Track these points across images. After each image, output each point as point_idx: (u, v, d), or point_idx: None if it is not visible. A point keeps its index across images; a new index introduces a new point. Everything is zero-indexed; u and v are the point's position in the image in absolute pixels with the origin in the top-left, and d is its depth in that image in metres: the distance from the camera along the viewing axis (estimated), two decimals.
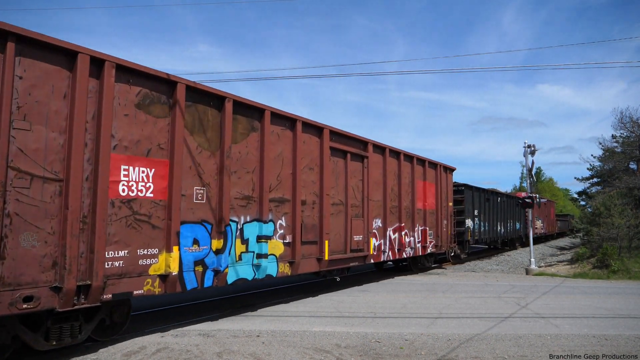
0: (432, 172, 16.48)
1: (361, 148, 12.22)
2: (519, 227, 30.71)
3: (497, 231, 25.48)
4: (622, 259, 17.89)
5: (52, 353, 6.23)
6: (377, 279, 14.81)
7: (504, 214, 27.02)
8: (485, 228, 23.44)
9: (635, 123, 29.16)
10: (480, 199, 22.74)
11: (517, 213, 30.03)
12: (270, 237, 8.91)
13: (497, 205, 25.52)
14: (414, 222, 14.79)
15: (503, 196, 27.40)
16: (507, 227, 27.55)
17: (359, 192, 12.00)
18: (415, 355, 6.27)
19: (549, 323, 8.26)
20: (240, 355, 6.18)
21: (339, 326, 7.86)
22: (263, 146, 8.86)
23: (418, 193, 15.17)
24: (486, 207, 23.57)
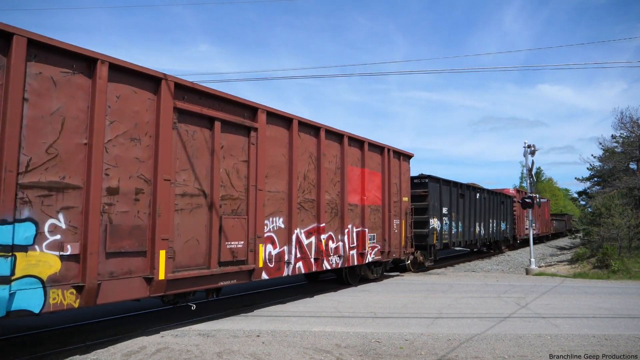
0: (376, 157, 13.14)
1: (245, 116, 8.70)
2: (504, 227, 27.29)
3: (475, 232, 22.07)
4: (622, 259, 17.88)
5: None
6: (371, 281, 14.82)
7: (486, 213, 23.64)
8: (460, 229, 20.07)
9: (635, 123, 29.17)
10: (452, 195, 19.36)
11: (502, 212, 26.71)
12: (25, 247, 5.52)
13: (475, 203, 22.07)
14: (344, 221, 11.41)
15: (484, 192, 23.73)
16: (489, 228, 24.23)
17: (240, 178, 8.49)
18: (415, 355, 6.27)
19: (549, 323, 8.26)
20: (240, 355, 6.18)
21: (339, 326, 7.86)
22: (7, 95, 5.40)
23: (352, 183, 11.87)
24: (460, 205, 20.17)
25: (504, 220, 27.04)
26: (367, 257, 12.47)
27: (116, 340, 6.83)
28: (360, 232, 12.18)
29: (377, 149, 13.37)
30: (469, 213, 21.27)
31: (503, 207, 26.78)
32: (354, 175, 12.08)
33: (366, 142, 12.58)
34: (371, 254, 12.63)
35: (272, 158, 9.38)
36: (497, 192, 26.41)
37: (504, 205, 27.20)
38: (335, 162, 11.41)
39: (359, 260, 12.09)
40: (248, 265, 8.61)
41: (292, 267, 9.67)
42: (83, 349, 6.47)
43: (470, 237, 21.33)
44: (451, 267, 20.08)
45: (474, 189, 22.09)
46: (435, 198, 17.58)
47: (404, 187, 14.82)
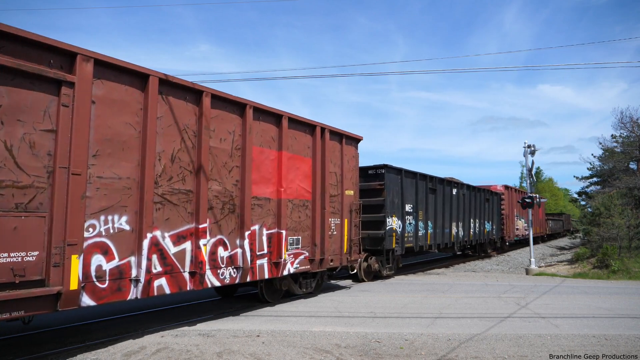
0: (303, 138, 10.22)
1: (51, 63, 5.91)
2: (490, 228, 24.13)
3: (452, 234, 18.95)
4: (622, 259, 17.89)
5: None
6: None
7: (466, 212, 20.50)
8: (430, 230, 17.11)
9: (635, 123, 29.16)
10: (420, 190, 16.36)
11: (487, 210, 23.59)
12: None
13: (451, 200, 18.99)
14: (245, 221, 8.47)
15: (463, 188, 20.41)
16: (470, 229, 21.06)
17: (39, 156, 5.73)
18: (415, 355, 6.27)
19: (549, 323, 8.26)
20: (240, 355, 6.18)
21: (339, 326, 7.86)
22: None
23: (260, 170, 8.97)
24: (431, 202, 17.23)
25: (489, 220, 23.96)
26: (287, 268, 9.49)
27: (116, 340, 6.83)
28: (275, 234, 9.23)
29: (305, 127, 10.30)
30: (443, 211, 18.17)
31: (488, 206, 23.75)
32: (265, 160, 9.13)
33: (285, 116, 9.57)
34: (293, 263, 9.69)
35: (109, 129, 6.48)
36: (481, 188, 23.12)
37: (490, 203, 24.07)
38: (232, 140, 8.38)
39: (272, 272, 9.12)
40: (48, 287, 5.61)
41: (146, 287, 6.73)
42: (83, 349, 6.47)
43: (444, 239, 18.27)
44: (452, 267, 20.00)
45: (449, 183, 18.94)
46: (394, 193, 14.70)
47: (349, 177, 11.74)
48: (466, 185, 20.91)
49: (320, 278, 11.38)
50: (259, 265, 8.84)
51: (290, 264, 9.67)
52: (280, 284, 9.94)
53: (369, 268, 14.05)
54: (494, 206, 25.07)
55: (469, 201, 21.02)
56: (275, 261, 9.22)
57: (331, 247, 10.95)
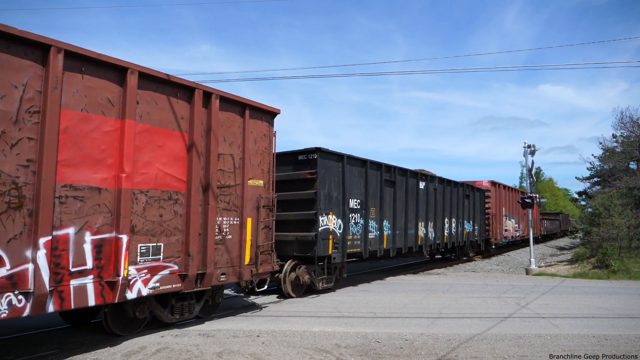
0: (172, 104, 7.44)
1: None
2: (471, 228, 20.89)
3: (418, 236, 15.75)
4: (622, 259, 17.89)
5: None
6: (376, 278, 14.79)
7: (439, 210, 17.40)
8: (386, 232, 13.81)
9: (636, 123, 29.15)
10: (371, 182, 13.08)
11: (468, 209, 20.49)
12: None
13: (418, 195, 15.86)
14: (42, 222, 5.63)
15: (434, 181, 17.23)
16: (445, 230, 17.89)
17: None
18: (415, 355, 6.27)
19: (549, 323, 8.26)
20: (240, 355, 6.18)
21: (339, 326, 7.86)
22: None
23: (82, 146, 6.20)
24: (388, 197, 14.04)
25: (469, 219, 20.70)
26: (134, 289, 6.66)
27: (116, 340, 6.83)
28: (109, 241, 6.42)
29: (175, 89, 7.49)
30: (406, 209, 14.97)
31: (469, 203, 20.52)
32: (94, 132, 6.36)
33: (133, 70, 6.78)
34: (148, 281, 6.87)
35: None
36: (461, 183, 19.92)
37: (471, 200, 20.80)
38: (20, 98, 5.60)
39: (104, 296, 6.27)
40: None
41: None
42: (83, 349, 6.47)
43: (407, 242, 14.99)
44: (451, 268, 19.93)
45: (414, 175, 15.77)
46: (332, 184, 11.48)
47: (256, 162, 9.04)
48: (438, 178, 17.62)
49: (211, 298, 8.43)
50: (75, 288, 5.94)
51: (143, 282, 6.77)
52: (133, 311, 6.99)
53: (298, 280, 10.83)
54: (477, 204, 21.86)
55: (443, 197, 17.87)
56: (110, 280, 6.34)
57: (222, 256, 8.14)
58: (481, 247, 23.47)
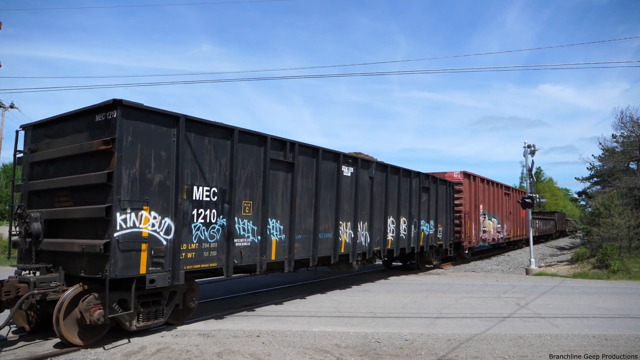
0: None
1: None
2: (431, 230, 16.33)
3: (338, 241, 11.23)
4: (622, 259, 17.89)
5: None
6: (373, 279, 14.80)
7: (376, 206, 12.83)
8: (276, 236, 9.47)
9: (636, 123, 29.15)
10: (243, 161, 8.80)
11: (427, 205, 16.06)
12: None
13: (340, 185, 11.29)
14: None
15: (369, 168, 12.67)
16: (388, 232, 13.38)
17: None
18: (415, 355, 6.27)
19: (549, 323, 8.26)
20: (240, 355, 6.18)
21: (339, 326, 7.86)
22: None
23: None
24: (278, 184, 9.60)
25: (429, 218, 16.21)
26: None
27: (116, 340, 6.83)
28: None
29: None
30: (315, 203, 10.50)
31: (428, 198, 16.18)
32: None
33: None
34: None
35: None
36: (416, 172, 15.37)
37: (432, 195, 16.39)
38: None
39: None
40: None
41: None
42: (83, 348, 6.47)
43: (317, 250, 10.49)
44: (451, 268, 19.73)
45: (331, 156, 11.15)
46: (154, 161, 7.22)
47: None
48: (377, 163, 13.12)
49: None
50: None
51: None
52: None
53: (83, 320, 6.46)
54: (442, 200, 17.47)
55: (386, 190, 13.37)
56: None
57: None
58: (449, 253, 18.71)
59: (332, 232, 11.15)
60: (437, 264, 18.64)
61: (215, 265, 8.15)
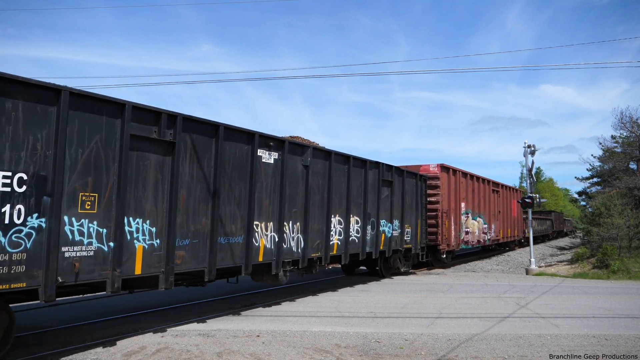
0: None
1: None
2: (395, 232, 13.88)
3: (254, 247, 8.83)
4: (622, 259, 17.89)
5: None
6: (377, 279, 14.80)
7: (316, 203, 10.57)
8: (142, 241, 6.86)
9: (635, 123, 29.13)
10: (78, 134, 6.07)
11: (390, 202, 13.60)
12: None
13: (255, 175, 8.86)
14: None
15: (304, 154, 10.28)
16: (332, 234, 11.03)
17: None
18: (415, 355, 6.27)
19: (549, 323, 8.26)
20: (240, 355, 6.18)
21: (339, 326, 7.86)
22: None
23: None
24: (147, 170, 7.00)
25: (392, 218, 13.73)
26: None
27: (116, 340, 6.83)
28: None
29: None
30: (213, 199, 8.04)
31: (391, 194, 13.66)
32: None
33: None
34: None
35: None
36: (374, 163, 12.85)
37: (396, 190, 13.96)
38: None
39: None
40: None
41: None
42: (83, 348, 6.47)
43: (223, 258, 8.24)
44: (451, 268, 19.79)
45: (239, 135, 8.67)
46: None
47: None
48: (314, 149, 10.59)
49: None
50: None
51: None
52: None
53: None
54: (410, 196, 14.98)
55: (329, 182, 10.85)
56: None
57: None
58: (420, 258, 16.15)
59: (244, 236, 8.57)
60: (407, 270, 15.73)
61: (24, 285, 5.54)
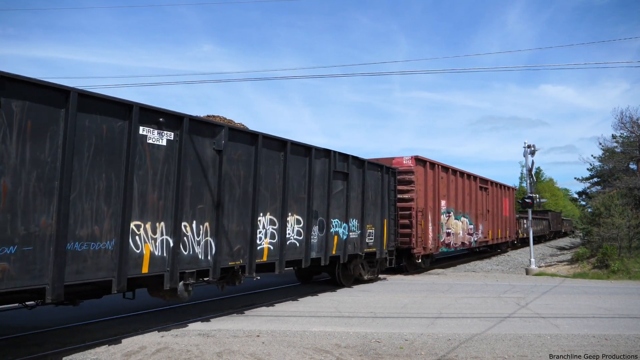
0: None
1: None
2: (355, 232, 11.90)
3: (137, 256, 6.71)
4: (622, 259, 17.89)
5: None
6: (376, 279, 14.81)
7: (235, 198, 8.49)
8: None
9: (635, 123, 29.13)
10: None
11: (346, 199, 11.47)
12: None
13: (134, 160, 6.67)
14: None
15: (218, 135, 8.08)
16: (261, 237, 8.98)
17: None
18: (415, 355, 6.27)
19: (548, 323, 8.26)
20: (240, 355, 6.18)
21: (339, 326, 7.86)
22: None
23: None
24: None
25: (352, 216, 11.69)
26: None
27: (116, 340, 6.83)
28: None
29: None
30: (57, 186, 5.76)
31: (348, 189, 11.50)
32: None
33: None
34: None
35: None
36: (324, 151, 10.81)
37: (354, 184, 11.80)
38: None
39: None
40: None
41: None
42: (83, 348, 6.47)
43: (62, 271, 5.72)
44: (452, 268, 19.82)
45: (94, 104, 6.22)
46: None
47: None
48: (230, 129, 8.51)
49: None
50: None
51: None
52: None
53: None
54: (373, 191, 12.76)
55: (254, 172, 8.91)
56: None
57: None
58: (388, 263, 13.78)
59: (115, 240, 6.48)
60: (372, 277, 13.37)
61: None
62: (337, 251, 11.26)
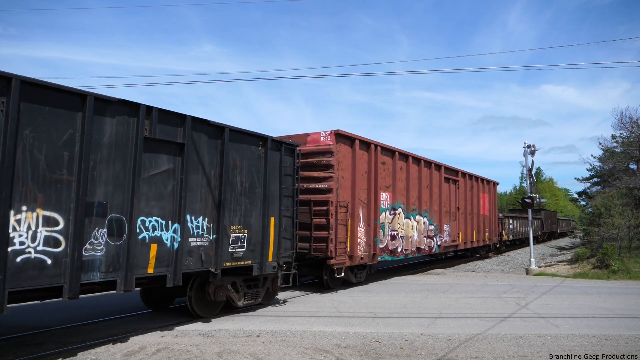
0: None
1: None
2: (202, 237, 7.73)
3: None
4: (622, 259, 17.89)
5: None
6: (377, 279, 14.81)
7: None
8: None
9: (635, 123, 29.11)
10: None
11: (195, 185, 7.65)
12: None
13: None
14: None
15: None
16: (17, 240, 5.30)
17: None
18: (415, 355, 6.27)
19: (549, 323, 8.26)
20: (240, 355, 6.18)
21: (339, 326, 7.86)
22: None
23: None
24: None
25: (193, 213, 7.63)
26: None
27: (116, 340, 6.83)
28: None
29: None
30: None
31: (184, 169, 7.44)
32: None
33: None
34: None
35: None
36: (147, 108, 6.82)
37: (201, 162, 7.81)
38: None
39: None
40: None
41: None
42: (83, 348, 6.47)
43: None
44: (452, 268, 19.80)
45: None
46: None
47: None
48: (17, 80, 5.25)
49: None
50: None
51: None
52: None
53: None
54: (246, 177, 8.71)
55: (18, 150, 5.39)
56: None
57: None
58: (280, 282, 9.62)
59: None
60: (250, 303, 9.16)
61: None
62: (158, 268, 7.16)
